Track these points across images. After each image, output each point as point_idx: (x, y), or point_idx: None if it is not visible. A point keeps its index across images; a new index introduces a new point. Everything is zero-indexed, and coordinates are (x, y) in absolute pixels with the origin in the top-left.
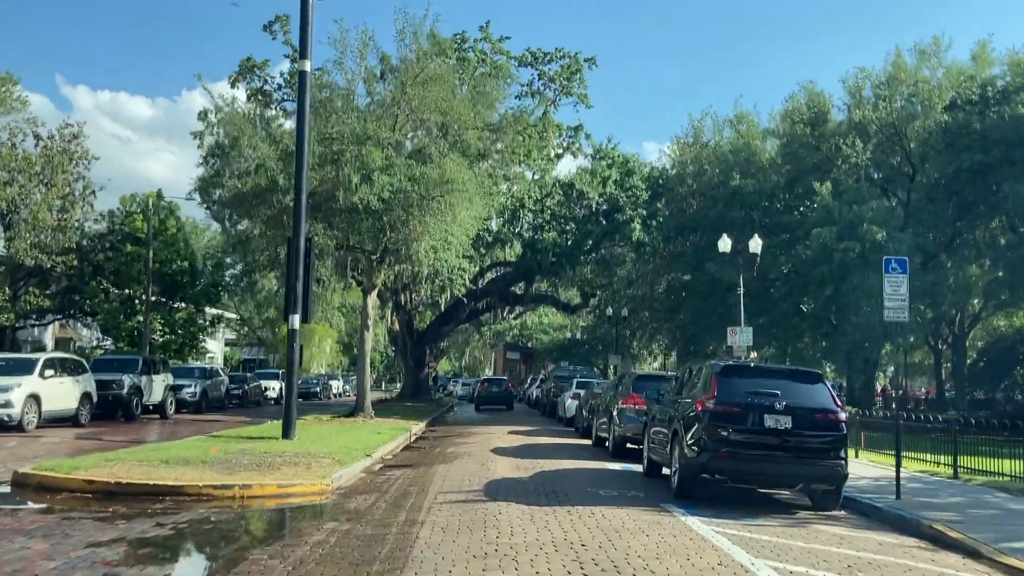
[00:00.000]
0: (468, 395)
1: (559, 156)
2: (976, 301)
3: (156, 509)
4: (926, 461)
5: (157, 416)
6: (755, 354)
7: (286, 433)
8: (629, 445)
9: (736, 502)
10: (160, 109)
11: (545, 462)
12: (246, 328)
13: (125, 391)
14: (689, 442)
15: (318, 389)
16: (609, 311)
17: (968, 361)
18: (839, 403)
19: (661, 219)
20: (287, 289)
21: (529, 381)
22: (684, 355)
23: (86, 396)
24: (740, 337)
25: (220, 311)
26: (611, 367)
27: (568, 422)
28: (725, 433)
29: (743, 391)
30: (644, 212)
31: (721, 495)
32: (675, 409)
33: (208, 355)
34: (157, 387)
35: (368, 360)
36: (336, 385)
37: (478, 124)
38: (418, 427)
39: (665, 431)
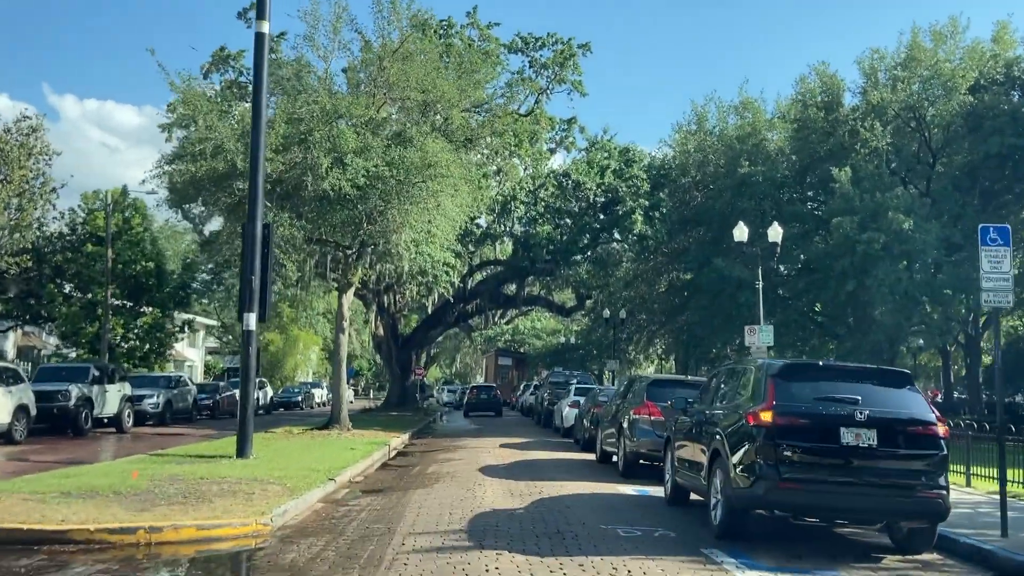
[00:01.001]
0: (454, 402)
1: (552, 151)
2: None
3: (19, 568)
4: (993, 478)
5: (113, 430)
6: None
7: (241, 451)
8: (643, 462)
9: (796, 542)
10: (147, 117)
11: (544, 485)
12: (229, 336)
13: (72, 403)
14: (737, 466)
15: (300, 398)
16: (606, 313)
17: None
18: (936, 412)
19: (665, 210)
20: (241, 283)
21: (522, 388)
22: (685, 359)
23: (21, 409)
24: (760, 336)
25: (191, 316)
26: (608, 372)
27: (566, 432)
28: (788, 454)
29: (808, 397)
30: (646, 203)
31: (775, 532)
32: (711, 422)
33: (187, 364)
34: (111, 398)
35: (344, 366)
36: (320, 394)
37: (464, 103)
38: (399, 440)
39: (698, 450)
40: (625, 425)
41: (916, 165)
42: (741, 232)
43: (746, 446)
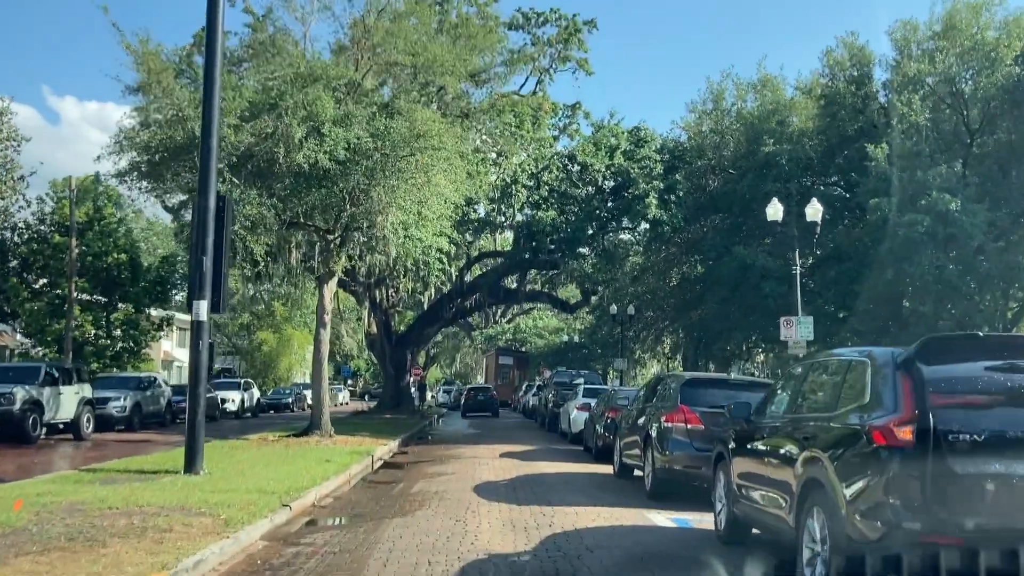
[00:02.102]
0: (448, 402)
1: (555, 138)
2: None
3: None
4: None
5: (70, 437)
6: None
7: (189, 466)
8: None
9: None
10: None
11: (555, 513)
12: (221, 336)
13: (16, 407)
14: (855, 505)
15: (291, 400)
16: (613, 308)
17: None
18: None
19: (681, 193)
20: (191, 266)
21: (524, 388)
22: (694, 357)
23: None
24: (798, 329)
25: (170, 312)
26: (614, 372)
27: (574, 438)
28: (946, 488)
29: (970, 397)
30: (661, 185)
31: None
32: (797, 437)
33: (176, 364)
34: (67, 401)
35: (324, 365)
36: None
37: (460, 71)
38: (387, 448)
39: (775, 475)
40: (654, 435)
41: (954, 144)
42: (775, 210)
43: (868, 477)
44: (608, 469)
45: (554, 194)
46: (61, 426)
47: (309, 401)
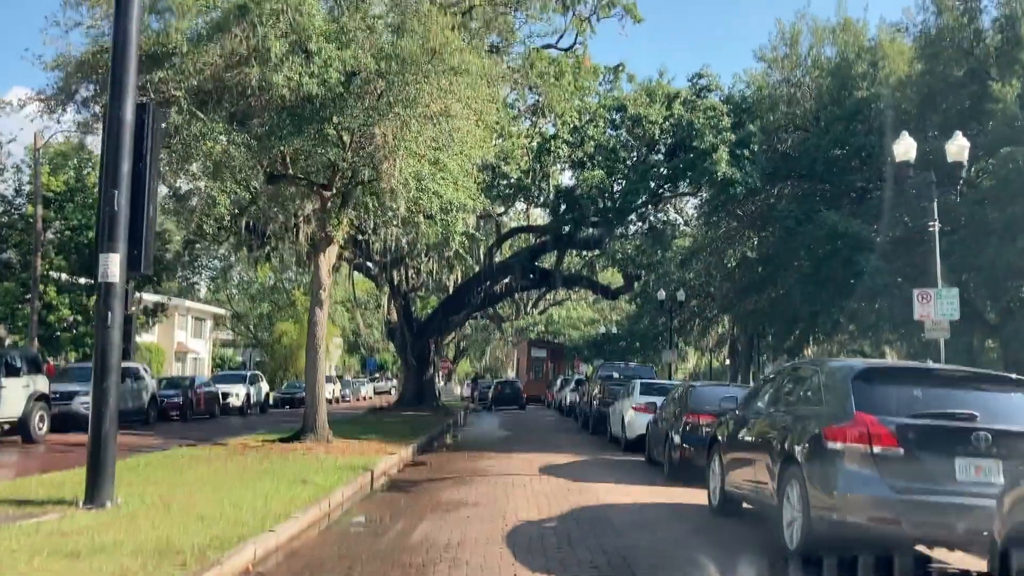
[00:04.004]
0: (471, 396)
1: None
2: None
3: None
4: None
5: (19, 439)
6: (892, 355)
7: (92, 494)
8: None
9: None
10: None
11: None
12: (241, 325)
13: None
14: None
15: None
16: (661, 294)
17: None
18: None
19: (756, 147)
20: (99, 205)
21: (559, 383)
22: (748, 350)
23: None
24: (939, 305)
25: (164, 297)
26: (661, 366)
27: (629, 445)
28: None
29: None
30: (732, 137)
31: None
32: None
33: (191, 356)
34: (11, 396)
35: (321, 353)
36: (331, 389)
37: None
38: (395, 459)
39: None
40: (802, 460)
41: None
42: (906, 147)
43: None
44: (695, 495)
45: (601, 151)
46: (6, 426)
47: (328, 395)
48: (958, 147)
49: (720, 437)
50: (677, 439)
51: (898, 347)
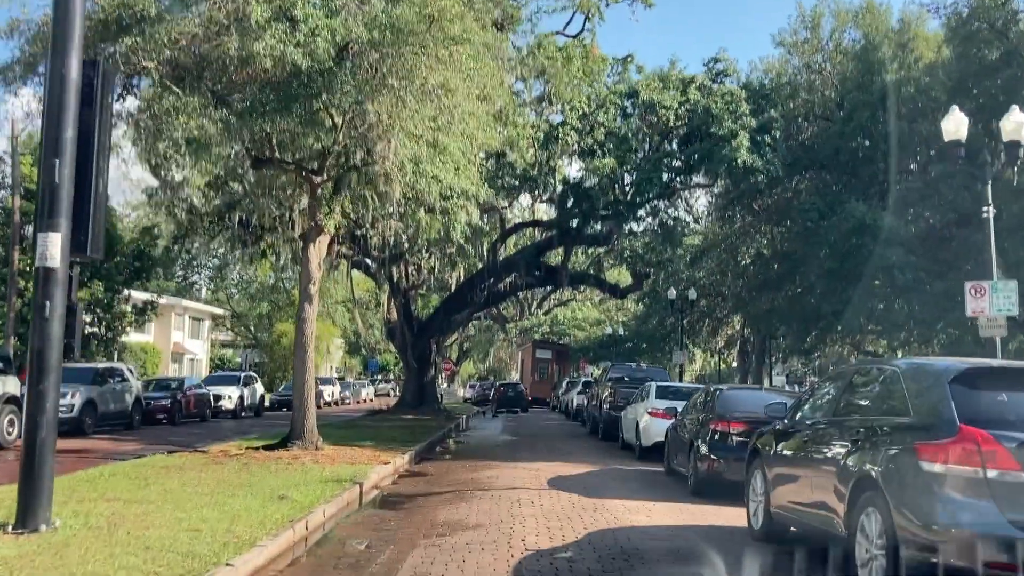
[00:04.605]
0: (473, 398)
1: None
2: None
3: None
4: None
5: None
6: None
7: (25, 516)
8: None
9: None
10: None
11: None
12: (241, 326)
13: None
14: None
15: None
16: (671, 293)
17: None
18: None
19: (777, 134)
20: (39, 176)
21: (565, 385)
22: (760, 351)
23: None
24: (996, 299)
25: (153, 296)
26: (674, 367)
27: (645, 453)
28: None
29: None
30: (752, 122)
31: None
32: None
33: (188, 357)
34: None
35: (310, 352)
36: (330, 391)
37: None
38: (389, 468)
39: None
40: (882, 483)
41: None
42: (956, 124)
43: None
44: (728, 515)
45: (612, 138)
46: None
47: (327, 397)
48: (1015, 123)
49: (763, 449)
50: (703, 449)
51: (917, 348)
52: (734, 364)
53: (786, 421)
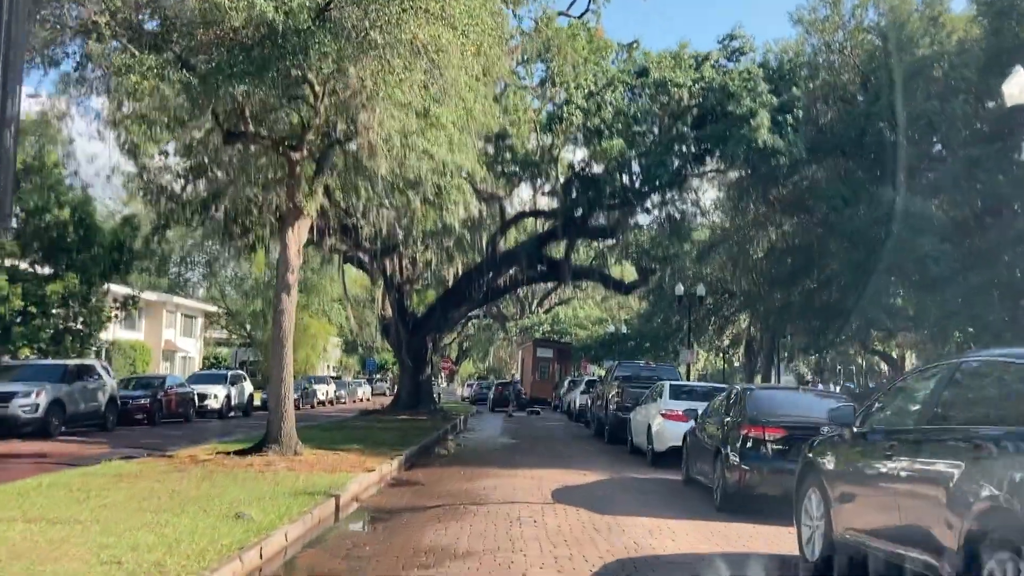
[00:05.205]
0: (471, 397)
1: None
2: None
3: None
4: None
5: None
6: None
7: None
8: None
9: None
10: None
11: None
12: (234, 323)
13: None
14: None
15: (296, 396)
16: (679, 289)
17: None
18: None
19: (800, 112)
20: None
21: (567, 384)
22: (770, 350)
23: None
24: None
25: (134, 292)
26: (682, 366)
27: (658, 459)
28: None
29: None
30: (774, 100)
31: None
32: None
33: (180, 355)
34: None
35: (288, 348)
36: (325, 390)
37: None
38: (374, 476)
39: None
40: None
41: None
42: (1021, 86)
43: None
44: (769, 536)
45: (620, 117)
46: None
47: (320, 396)
48: None
49: (822, 462)
50: (733, 458)
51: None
52: (736, 364)
53: (855, 428)
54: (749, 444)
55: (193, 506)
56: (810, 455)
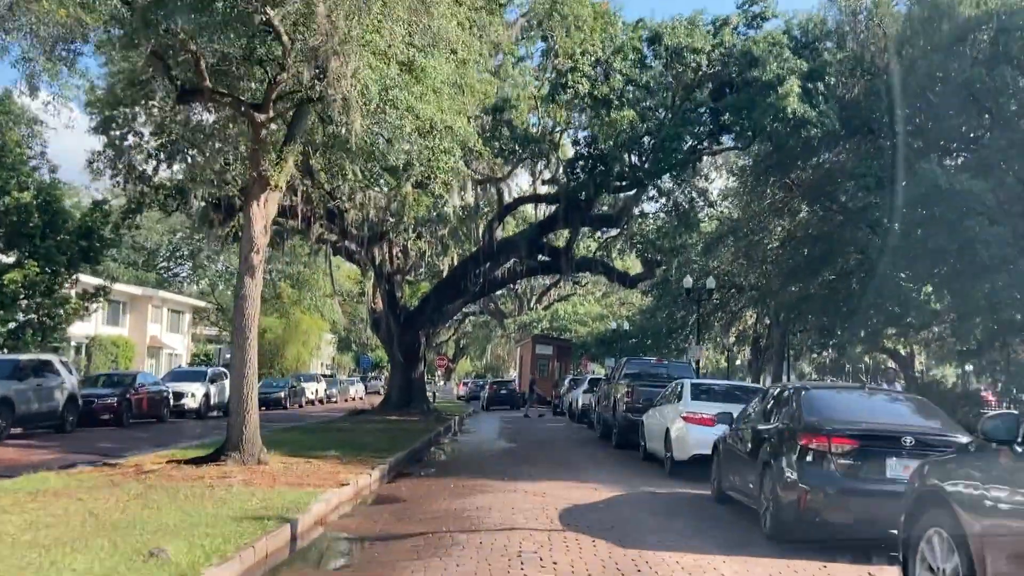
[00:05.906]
0: (466, 396)
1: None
2: None
3: None
4: None
5: None
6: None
7: None
8: None
9: None
10: None
11: None
12: (226, 320)
13: None
14: None
15: (283, 394)
16: (687, 281)
17: None
18: None
19: (832, 80)
20: None
21: (567, 383)
22: (781, 347)
23: None
24: None
25: (105, 283)
26: (691, 361)
27: (678, 469)
28: None
29: None
30: (804, 66)
31: None
32: None
33: (166, 351)
34: None
35: (251, 338)
36: (314, 388)
37: None
38: (348, 491)
39: None
40: None
41: None
42: None
43: None
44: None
45: (631, 86)
46: None
47: (309, 395)
48: None
49: (957, 492)
50: (789, 475)
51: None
52: (739, 362)
53: (1018, 446)
54: (809, 458)
55: (103, 538)
56: (934, 480)
